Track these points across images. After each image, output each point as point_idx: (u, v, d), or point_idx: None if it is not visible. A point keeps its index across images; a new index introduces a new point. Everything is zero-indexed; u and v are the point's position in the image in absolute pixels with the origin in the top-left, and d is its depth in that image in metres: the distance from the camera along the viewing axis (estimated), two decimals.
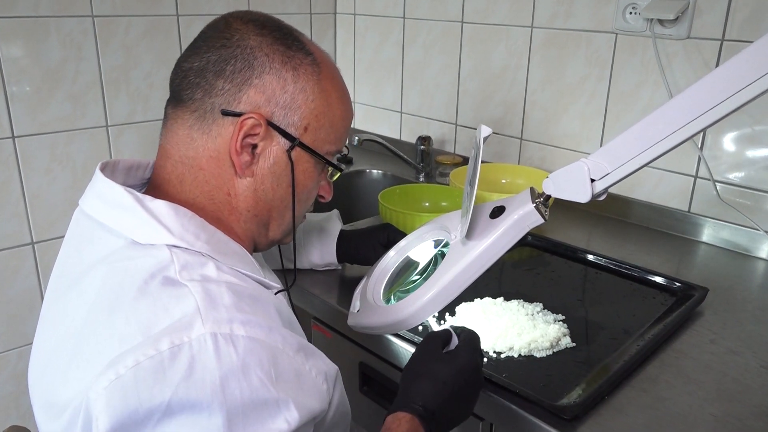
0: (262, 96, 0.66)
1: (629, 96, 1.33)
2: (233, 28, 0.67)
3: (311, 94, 0.68)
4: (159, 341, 0.53)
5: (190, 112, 0.67)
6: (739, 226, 1.23)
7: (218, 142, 0.67)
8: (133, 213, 0.62)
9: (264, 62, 0.66)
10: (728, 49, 1.18)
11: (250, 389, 0.54)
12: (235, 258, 0.67)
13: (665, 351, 0.89)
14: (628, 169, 0.70)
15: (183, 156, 0.68)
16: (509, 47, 1.53)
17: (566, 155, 1.47)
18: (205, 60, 0.66)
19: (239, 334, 0.55)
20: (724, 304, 1.03)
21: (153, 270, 0.58)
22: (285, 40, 0.68)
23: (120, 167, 0.71)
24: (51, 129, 1.46)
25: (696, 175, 1.28)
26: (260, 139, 0.67)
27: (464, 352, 0.73)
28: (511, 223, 0.76)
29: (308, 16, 1.89)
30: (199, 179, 0.68)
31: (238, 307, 0.57)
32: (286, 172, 0.70)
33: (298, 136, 0.69)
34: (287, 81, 0.67)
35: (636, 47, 1.30)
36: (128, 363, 0.52)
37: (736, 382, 0.82)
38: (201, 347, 0.53)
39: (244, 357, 0.54)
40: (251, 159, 0.67)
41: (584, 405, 0.75)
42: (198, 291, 0.57)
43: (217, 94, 0.66)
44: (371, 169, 1.76)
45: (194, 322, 0.54)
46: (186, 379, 0.52)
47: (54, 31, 1.41)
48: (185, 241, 0.62)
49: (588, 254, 1.17)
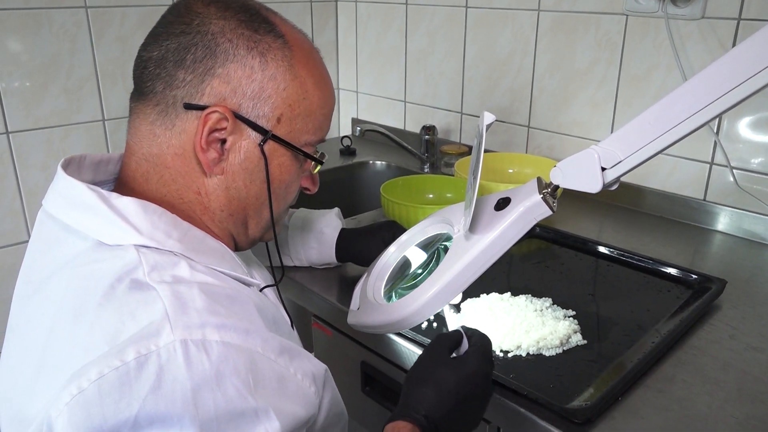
0: (227, 86, 0.60)
1: (641, 80, 1.28)
2: (194, 12, 0.62)
3: (282, 82, 0.62)
4: (124, 351, 0.49)
5: (151, 106, 0.62)
6: (758, 214, 1.17)
7: (183, 138, 0.62)
8: (97, 212, 0.58)
9: (227, 49, 0.60)
10: (745, 28, 1.12)
11: (224, 400, 0.50)
12: (212, 255, 0.62)
13: (682, 348, 0.84)
14: (642, 156, 0.66)
15: (147, 153, 0.63)
16: (515, 32, 1.48)
17: (576, 143, 1.42)
18: (165, 48, 0.61)
19: (212, 340, 0.51)
20: (743, 297, 0.98)
21: (120, 273, 0.54)
22: (251, 23, 0.62)
23: (87, 162, 0.66)
24: (46, 124, 1.43)
25: (712, 161, 1.22)
26: (228, 134, 0.61)
27: (473, 358, 0.69)
28: (516, 215, 0.72)
29: (308, 4, 1.84)
30: (166, 178, 0.63)
31: (211, 310, 0.53)
32: (259, 168, 0.64)
33: (271, 128, 0.63)
34: (254, 69, 0.61)
35: (648, 29, 1.25)
36: (91, 376, 0.48)
37: (758, 381, 0.78)
38: (170, 356, 0.49)
39: (217, 365, 0.50)
40: (219, 155, 0.62)
41: (597, 407, 0.71)
42: (167, 294, 0.52)
43: (179, 86, 0.60)
44: (374, 161, 1.72)
45: (162, 329, 0.50)
46: (154, 391, 0.48)
47: (47, 24, 1.38)
48: (155, 240, 0.57)
49: (599, 246, 1.12)
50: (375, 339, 0.92)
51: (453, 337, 0.72)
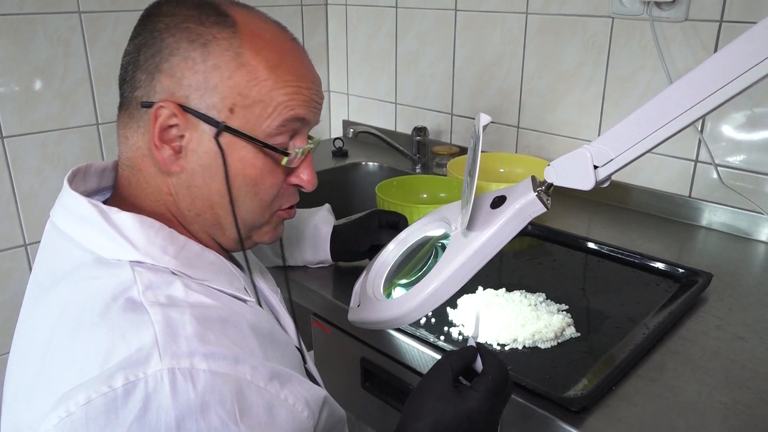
0: (172, 80, 0.60)
1: (627, 81, 1.32)
2: (150, 15, 0.62)
3: (226, 71, 0.60)
4: (113, 377, 0.49)
5: (123, 110, 0.64)
6: (741, 209, 1.21)
7: (146, 138, 0.62)
8: (96, 227, 0.59)
9: (170, 44, 0.60)
10: (727, 30, 1.16)
11: (208, 429, 0.50)
12: (208, 270, 0.62)
13: (671, 338, 0.88)
14: (633, 154, 0.68)
15: (125, 158, 0.64)
16: (504, 34, 1.51)
17: (564, 143, 1.45)
18: (127, 53, 0.63)
19: (200, 368, 0.51)
20: (728, 290, 1.01)
21: (115, 292, 0.54)
22: (198, 17, 0.61)
23: (92, 171, 0.67)
24: (40, 128, 1.44)
25: (696, 159, 1.26)
26: (183, 129, 0.60)
27: (478, 393, 0.63)
28: (512, 212, 0.74)
29: (299, 8, 1.86)
30: (141, 181, 0.64)
31: (201, 338, 0.53)
32: (217, 163, 0.61)
33: (223, 119, 0.60)
34: (195, 60, 0.60)
35: (633, 31, 1.28)
36: (80, 400, 0.49)
37: (744, 368, 0.81)
38: (157, 384, 0.49)
39: (203, 394, 0.50)
40: (176, 153, 0.61)
41: (592, 396, 0.73)
42: (158, 320, 0.52)
43: (137, 86, 0.61)
44: (367, 162, 1.74)
45: (151, 356, 0.50)
46: (139, 420, 0.48)
47: (40, 29, 1.39)
48: (150, 256, 0.58)
49: (589, 242, 1.15)
50: (374, 335, 0.95)
51: (463, 359, 0.67)
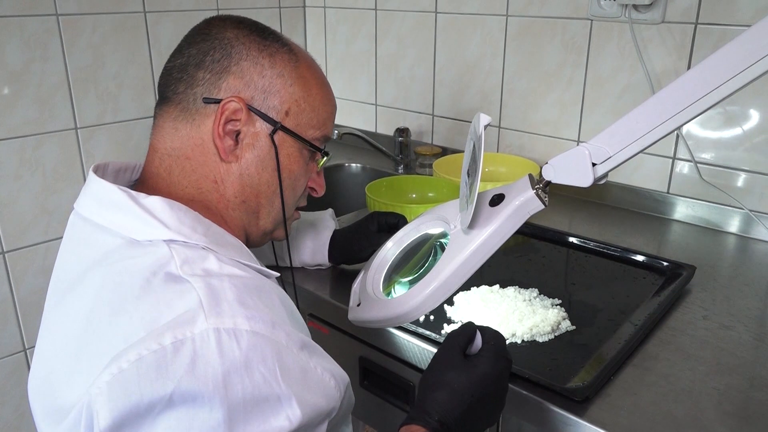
0: (241, 81, 0.68)
1: (607, 81, 1.36)
2: (212, 25, 0.71)
3: (289, 79, 0.70)
4: (162, 335, 0.52)
5: (174, 105, 0.69)
6: (715, 204, 1.26)
7: (202, 129, 0.68)
8: (128, 211, 0.62)
9: (241, 50, 0.68)
10: (702, 32, 1.21)
11: (252, 385, 0.53)
12: (232, 249, 0.66)
13: (661, 329, 0.91)
14: (630, 152, 0.71)
15: (169, 148, 0.69)
16: (484, 36, 1.54)
17: (545, 142, 1.49)
18: (186, 55, 0.69)
19: (243, 329, 0.54)
20: (710, 281, 1.05)
21: (154, 267, 0.58)
22: (261, 33, 0.71)
23: (109, 170, 0.71)
24: (18, 133, 1.40)
25: (674, 156, 1.31)
26: (243, 124, 0.68)
27: (486, 358, 0.69)
28: (512, 210, 0.76)
29: (277, 10, 1.86)
30: (187, 169, 0.69)
31: (241, 302, 0.57)
32: (270, 156, 0.71)
33: (280, 119, 0.70)
34: (264, 66, 0.69)
35: (612, 33, 1.32)
36: (131, 357, 0.52)
37: (733, 355, 0.85)
38: (204, 342, 0.53)
39: (247, 352, 0.54)
40: (235, 143, 0.69)
41: (593, 386, 0.76)
42: (201, 286, 0.56)
43: (198, 84, 0.68)
44: (350, 163, 1.75)
45: (197, 318, 0.54)
46: (189, 373, 0.52)
47: (17, 32, 1.35)
48: (183, 235, 0.62)
49: (576, 239, 1.19)
50: (372, 334, 0.96)
51: (465, 334, 0.72)
